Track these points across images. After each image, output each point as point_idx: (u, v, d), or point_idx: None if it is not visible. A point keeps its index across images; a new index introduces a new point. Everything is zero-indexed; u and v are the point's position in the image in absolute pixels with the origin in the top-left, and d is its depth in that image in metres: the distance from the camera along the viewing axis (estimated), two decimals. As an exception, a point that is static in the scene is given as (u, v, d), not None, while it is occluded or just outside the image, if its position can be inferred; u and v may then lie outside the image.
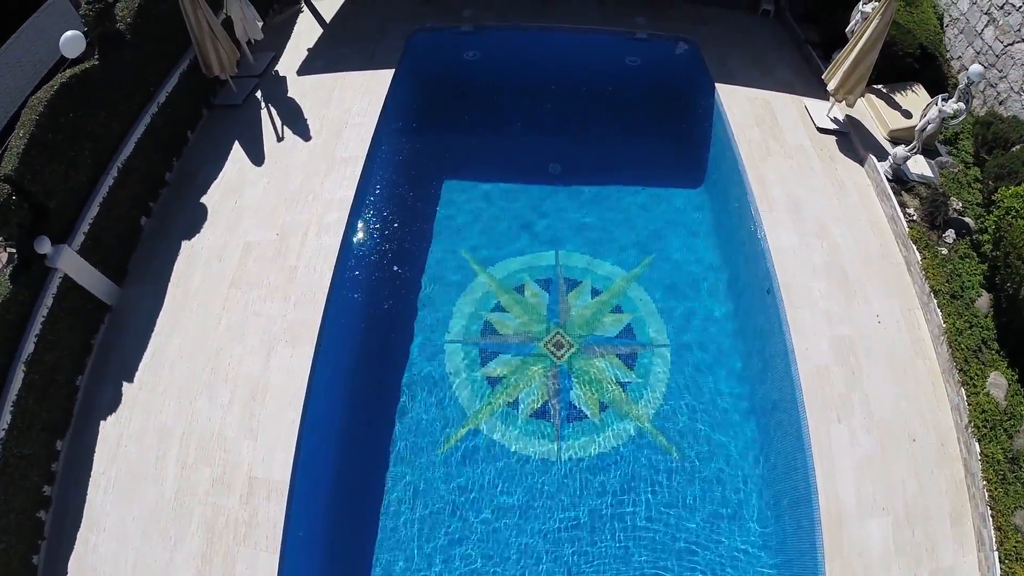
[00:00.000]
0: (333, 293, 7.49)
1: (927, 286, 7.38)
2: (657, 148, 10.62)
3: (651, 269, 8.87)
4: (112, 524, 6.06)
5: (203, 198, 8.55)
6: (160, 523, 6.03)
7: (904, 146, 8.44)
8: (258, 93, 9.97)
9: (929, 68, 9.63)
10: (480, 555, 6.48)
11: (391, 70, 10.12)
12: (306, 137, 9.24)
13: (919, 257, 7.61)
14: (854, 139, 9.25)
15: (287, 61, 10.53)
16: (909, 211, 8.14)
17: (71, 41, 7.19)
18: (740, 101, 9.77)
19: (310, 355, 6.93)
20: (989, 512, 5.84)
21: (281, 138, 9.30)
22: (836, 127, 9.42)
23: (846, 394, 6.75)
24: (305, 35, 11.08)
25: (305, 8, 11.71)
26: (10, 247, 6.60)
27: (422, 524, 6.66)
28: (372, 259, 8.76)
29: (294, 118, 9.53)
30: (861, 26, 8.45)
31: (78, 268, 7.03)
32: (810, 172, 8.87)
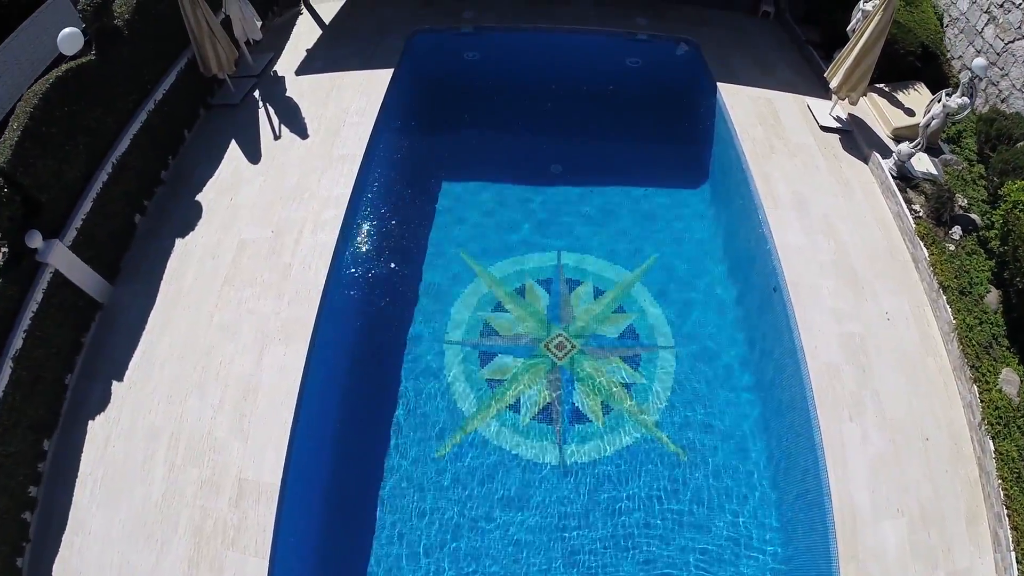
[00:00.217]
0: (328, 291, 7.33)
1: (935, 282, 7.25)
2: (659, 148, 10.55)
3: (654, 269, 8.73)
4: (98, 526, 5.85)
5: (198, 196, 8.45)
6: (147, 526, 5.81)
7: (908, 143, 8.35)
8: (256, 93, 9.91)
9: (930, 67, 9.62)
10: (477, 561, 6.26)
11: (390, 70, 10.07)
12: (303, 136, 9.15)
13: (927, 254, 7.47)
14: (857, 137, 9.16)
15: (286, 62, 10.49)
16: (915, 208, 8.02)
17: (69, 38, 7.15)
18: (742, 100, 9.71)
19: (304, 353, 6.76)
20: (1005, 512, 5.66)
21: (278, 137, 9.21)
22: (839, 125, 9.34)
23: (857, 392, 6.58)
24: (304, 36, 11.06)
25: (305, 10, 11.70)
26: (0, 241, 6.46)
27: (418, 529, 6.44)
28: (369, 257, 8.63)
29: (292, 117, 9.45)
30: (863, 23, 8.41)
31: (69, 264, 6.89)
32: (815, 170, 8.77)
